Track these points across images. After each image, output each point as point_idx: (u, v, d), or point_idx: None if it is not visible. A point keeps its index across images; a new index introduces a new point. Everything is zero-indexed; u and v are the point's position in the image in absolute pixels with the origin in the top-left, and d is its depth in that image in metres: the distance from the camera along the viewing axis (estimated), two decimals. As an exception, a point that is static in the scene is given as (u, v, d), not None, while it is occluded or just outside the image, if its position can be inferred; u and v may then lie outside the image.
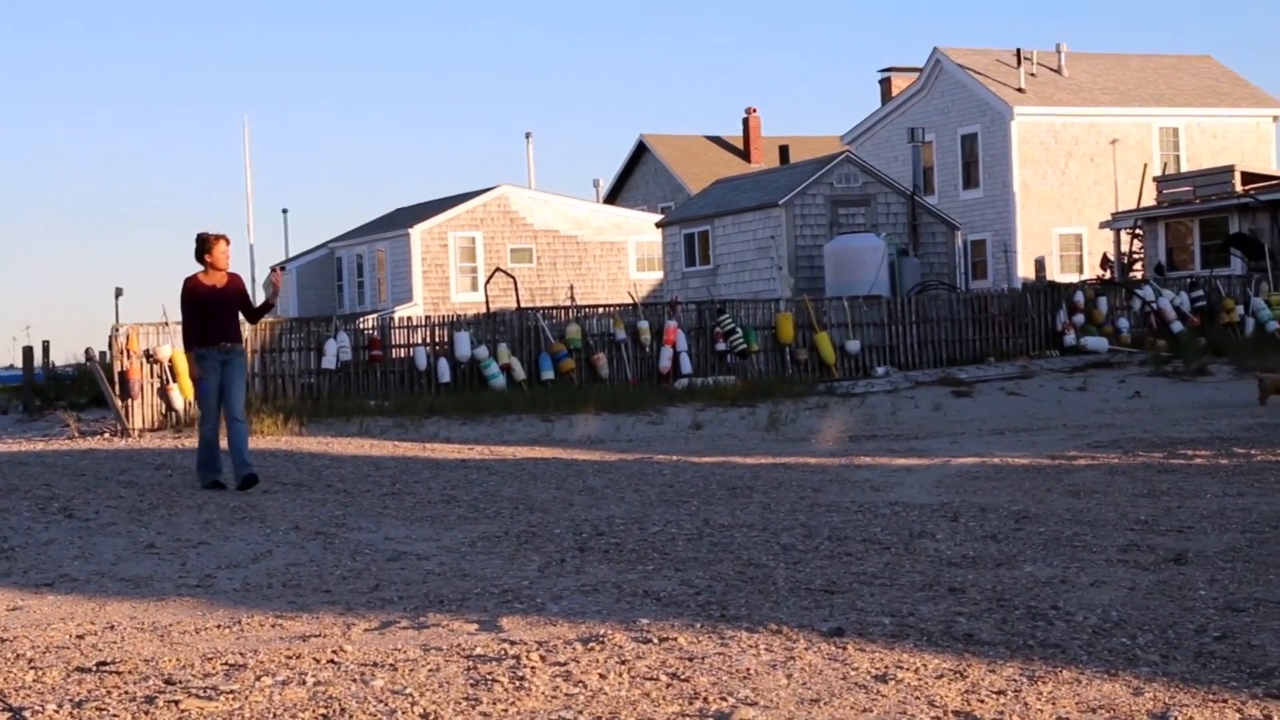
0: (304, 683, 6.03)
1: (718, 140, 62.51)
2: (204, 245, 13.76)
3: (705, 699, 5.68)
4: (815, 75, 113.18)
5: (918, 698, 5.67)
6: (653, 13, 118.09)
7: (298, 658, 6.51)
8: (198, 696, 5.83)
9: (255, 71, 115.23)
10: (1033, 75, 44.88)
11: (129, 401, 23.20)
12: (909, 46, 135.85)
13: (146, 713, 5.63)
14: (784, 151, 55.26)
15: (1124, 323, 30.11)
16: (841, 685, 5.87)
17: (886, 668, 6.11)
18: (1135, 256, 38.94)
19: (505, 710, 5.59)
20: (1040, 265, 39.40)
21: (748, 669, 6.13)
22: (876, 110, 48.80)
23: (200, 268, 13.79)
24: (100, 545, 10.37)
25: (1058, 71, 45.65)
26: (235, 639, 7.07)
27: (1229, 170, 37.10)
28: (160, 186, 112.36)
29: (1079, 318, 29.72)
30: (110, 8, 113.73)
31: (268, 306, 14.33)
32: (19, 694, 6.02)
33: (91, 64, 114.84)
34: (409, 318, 27.44)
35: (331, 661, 6.43)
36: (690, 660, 6.29)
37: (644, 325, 26.86)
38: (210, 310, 13.68)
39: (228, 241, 13.83)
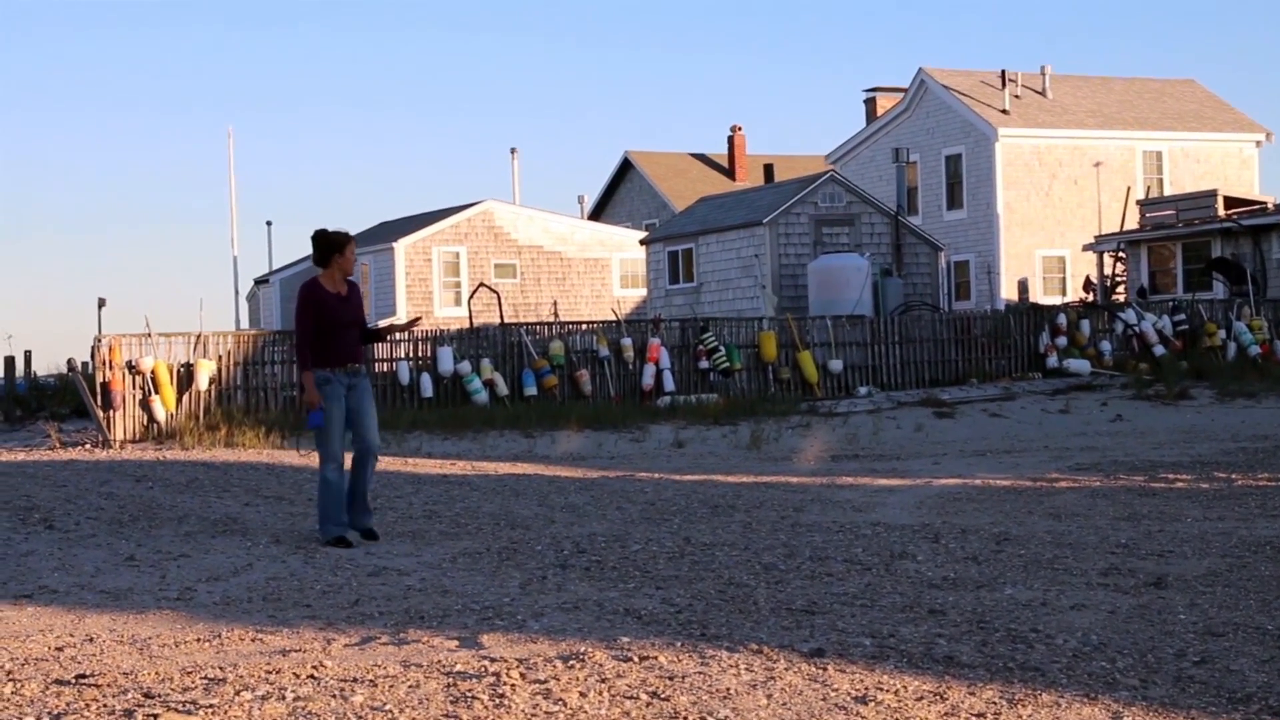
0: (283, 698, 6.02)
1: (702, 158, 62.57)
2: (333, 245, 10.94)
3: (685, 718, 5.68)
4: (800, 94, 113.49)
5: (897, 719, 5.67)
6: (639, 30, 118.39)
7: (277, 672, 6.50)
8: (176, 710, 5.81)
9: (239, 82, 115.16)
10: (1017, 97, 45.03)
11: (111, 413, 23.14)
12: (894, 67, 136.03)
13: (125, 727, 5.62)
14: (769, 170, 55.38)
15: (1106, 345, 30.15)
16: (821, 706, 5.87)
17: (866, 689, 6.11)
18: (1118, 279, 39.05)
19: (485, 728, 5.58)
20: (1023, 287, 39.46)
21: (728, 688, 6.13)
22: (861, 130, 48.92)
23: (319, 272, 11.10)
24: (80, 557, 10.35)
25: (1042, 94, 45.81)
26: (215, 653, 7.06)
27: (1212, 194, 37.23)
28: (143, 197, 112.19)
29: (1061, 340, 29.75)
30: (93, 14, 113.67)
31: (382, 335, 12.21)
32: (-3, 706, 6.00)
33: (75, 71, 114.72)
34: (392, 332, 27.38)
35: (311, 677, 6.42)
36: (670, 679, 6.29)
37: (627, 342, 26.83)
38: (338, 324, 10.93)
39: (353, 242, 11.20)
